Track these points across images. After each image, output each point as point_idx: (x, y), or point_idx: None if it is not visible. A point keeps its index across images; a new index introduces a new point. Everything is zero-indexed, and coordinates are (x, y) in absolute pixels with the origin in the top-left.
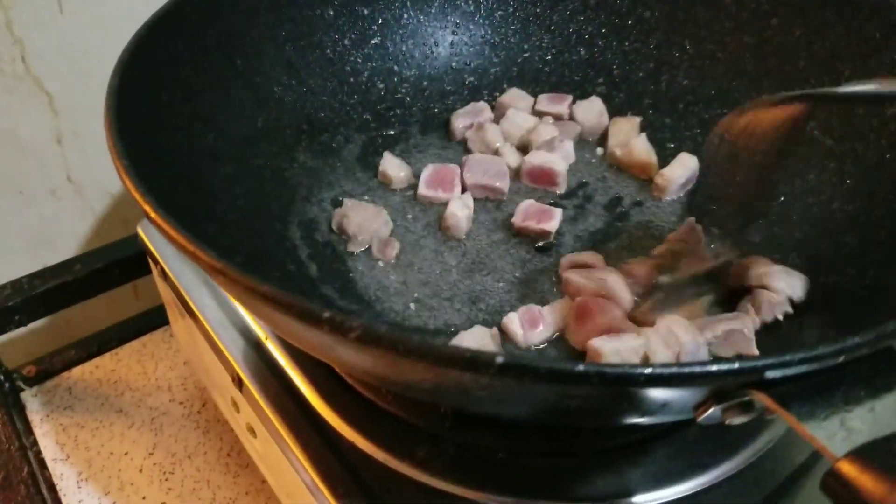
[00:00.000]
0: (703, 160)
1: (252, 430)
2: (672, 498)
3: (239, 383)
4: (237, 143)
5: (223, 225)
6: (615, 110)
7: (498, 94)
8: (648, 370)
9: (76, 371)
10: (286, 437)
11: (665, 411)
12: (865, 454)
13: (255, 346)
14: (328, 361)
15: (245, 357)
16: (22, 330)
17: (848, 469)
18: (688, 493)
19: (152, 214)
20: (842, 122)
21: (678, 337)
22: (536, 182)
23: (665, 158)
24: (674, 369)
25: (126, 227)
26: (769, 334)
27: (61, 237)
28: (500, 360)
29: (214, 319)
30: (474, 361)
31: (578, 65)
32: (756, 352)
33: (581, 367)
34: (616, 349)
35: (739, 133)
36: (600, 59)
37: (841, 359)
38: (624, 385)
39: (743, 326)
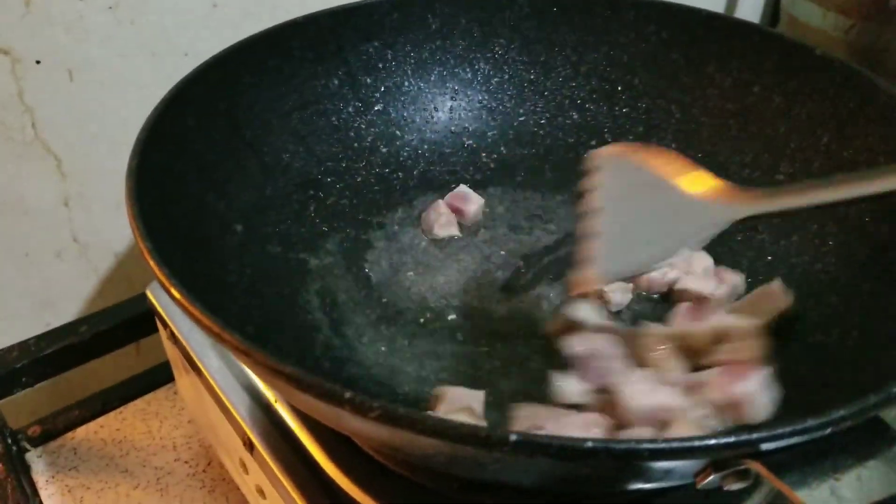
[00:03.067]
0: None
1: (262, 492)
2: None
3: (250, 446)
4: (246, 211)
5: (234, 293)
6: None
7: (495, 155)
8: (651, 445)
9: (80, 431)
10: (297, 500)
11: (668, 478)
12: None
13: (265, 409)
14: (345, 433)
15: (255, 419)
16: (25, 390)
17: None
18: None
19: (181, 300)
20: None
21: None
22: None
23: None
24: (675, 444)
25: (130, 285)
26: None
27: (65, 298)
28: (514, 437)
29: (224, 381)
30: (489, 439)
31: (571, 128)
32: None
33: (590, 444)
34: None
35: None
36: (592, 122)
37: (828, 430)
38: (630, 459)
39: None
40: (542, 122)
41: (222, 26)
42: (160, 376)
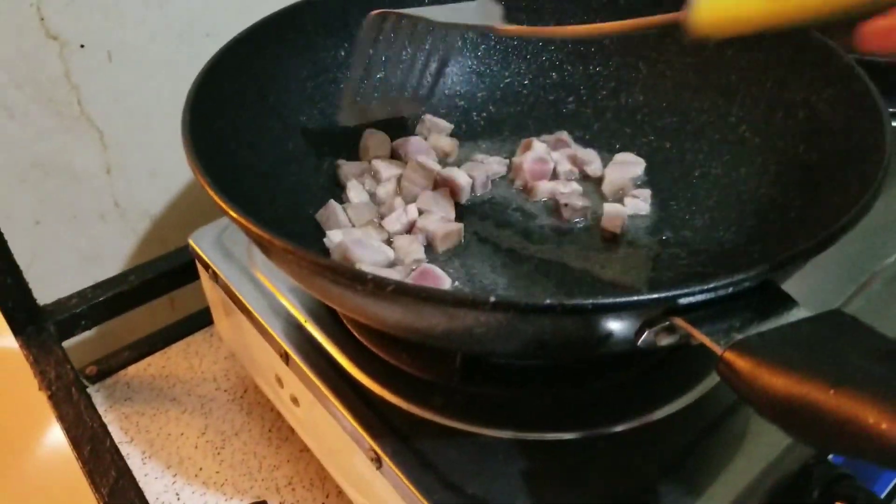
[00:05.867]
0: None
1: (295, 400)
2: (637, 425)
3: (286, 358)
4: (273, 163)
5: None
6: (583, 123)
7: (485, 113)
8: (594, 301)
9: (131, 369)
10: (330, 398)
11: (615, 337)
12: (740, 345)
13: (297, 329)
14: (364, 318)
15: (289, 337)
16: (76, 339)
17: (729, 356)
18: (648, 421)
19: (231, 212)
20: (767, 124)
21: None
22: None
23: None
24: (610, 300)
25: (163, 244)
26: None
27: (108, 255)
28: (492, 298)
29: (261, 310)
30: (474, 301)
31: (552, 87)
32: None
33: (548, 301)
34: None
35: None
36: (569, 80)
37: (731, 290)
38: (577, 312)
39: None
40: (525, 82)
41: (239, 10)
42: (197, 323)
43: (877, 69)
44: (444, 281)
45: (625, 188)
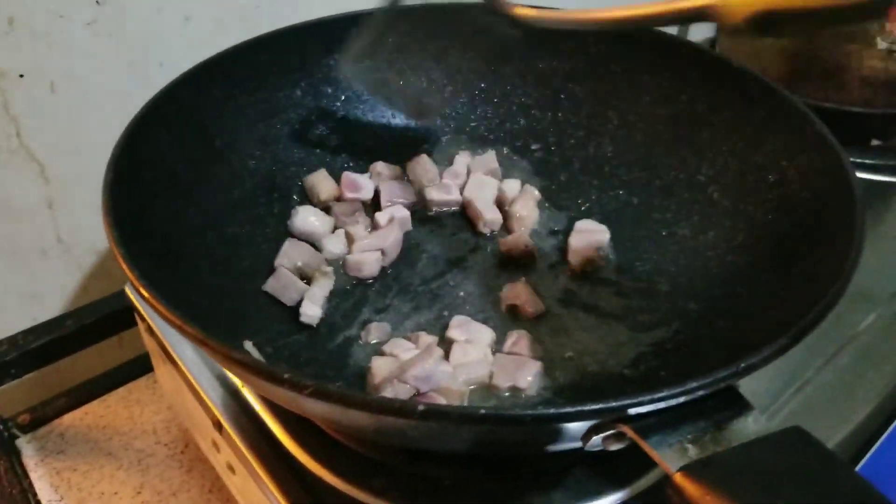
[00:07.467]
0: None
1: (231, 468)
2: None
3: (219, 427)
4: (215, 214)
5: (205, 289)
6: (550, 172)
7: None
8: (532, 412)
9: (67, 418)
10: (261, 474)
11: (559, 440)
12: (691, 469)
13: (233, 394)
14: (291, 409)
15: (223, 403)
16: (15, 381)
17: (680, 480)
18: None
19: (154, 304)
20: (737, 187)
21: None
22: None
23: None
24: (551, 411)
25: (110, 280)
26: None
27: (50, 292)
28: (421, 407)
29: (196, 370)
30: (402, 409)
31: (519, 132)
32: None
33: (483, 411)
34: None
35: None
36: (538, 127)
37: (683, 399)
38: (515, 424)
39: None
40: (493, 126)
41: (194, 38)
42: (141, 367)
43: (830, 115)
44: None
45: (593, 259)
